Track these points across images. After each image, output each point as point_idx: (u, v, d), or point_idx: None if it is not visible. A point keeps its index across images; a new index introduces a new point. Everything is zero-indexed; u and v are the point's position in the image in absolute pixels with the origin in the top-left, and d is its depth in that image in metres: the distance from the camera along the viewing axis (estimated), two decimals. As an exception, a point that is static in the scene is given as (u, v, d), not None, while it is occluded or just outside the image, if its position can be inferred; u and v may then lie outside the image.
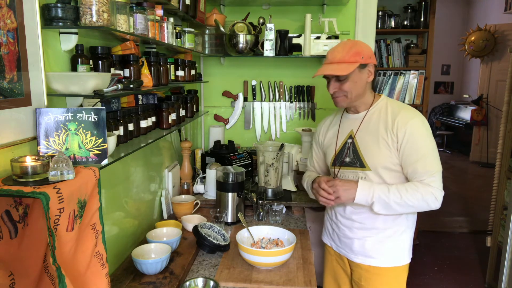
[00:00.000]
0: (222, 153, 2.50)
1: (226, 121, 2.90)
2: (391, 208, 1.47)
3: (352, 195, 1.48)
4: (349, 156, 1.58)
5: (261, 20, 2.48)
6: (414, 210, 1.51)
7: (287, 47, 2.56)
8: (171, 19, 1.73)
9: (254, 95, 2.86)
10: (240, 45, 2.45)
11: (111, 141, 1.15)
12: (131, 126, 1.42)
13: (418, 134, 1.46)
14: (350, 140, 1.59)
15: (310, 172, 1.83)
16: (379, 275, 1.58)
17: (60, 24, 1.09)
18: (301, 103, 2.83)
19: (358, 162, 1.56)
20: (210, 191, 2.24)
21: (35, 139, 1.05)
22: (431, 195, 1.44)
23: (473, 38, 6.49)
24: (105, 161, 1.09)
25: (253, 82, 2.84)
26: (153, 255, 1.54)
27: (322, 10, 2.68)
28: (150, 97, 1.72)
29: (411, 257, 1.62)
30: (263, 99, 2.86)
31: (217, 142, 2.61)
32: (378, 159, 1.51)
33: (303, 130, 2.47)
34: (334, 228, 1.69)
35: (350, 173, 1.58)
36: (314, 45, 2.50)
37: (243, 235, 1.69)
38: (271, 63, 2.81)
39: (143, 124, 1.54)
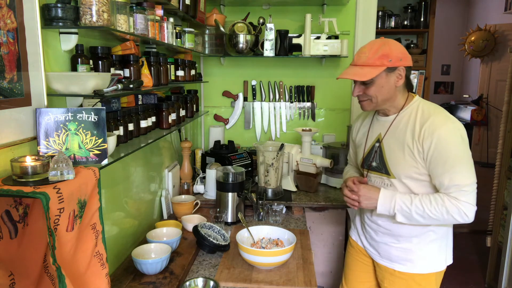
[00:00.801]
0: (222, 153, 2.50)
1: (226, 121, 2.90)
2: (414, 219, 1.40)
3: (373, 204, 1.45)
4: (376, 161, 1.53)
5: (261, 20, 2.48)
6: (440, 223, 1.43)
7: (287, 47, 2.56)
8: (171, 19, 1.73)
9: (254, 95, 2.86)
10: (240, 45, 2.45)
11: (111, 141, 1.15)
12: (131, 126, 1.42)
13: (446, 144, 1.33)
14: (377, 144, 1.53)
15: (349, 167, 1.80)
16: (404, 280, 1.53)
17: (60, 24, 1.09)
18: (301, 103, 2.83)
19: (383, 168, 1.50)
20: (210, 191, 2.24)
21: (35, 139, 1.05)
22: (457, 210, 1.34)
23: (473, 38, 6.49)
24: (105, 161, 1.09)
25: (253, 82, 2.84)
26: (153, 255, 1.54)
27: (322, 10, 2.68)
28: (150, 97, 1.71)
29: (446, 265, 1.56)
30: (263, 99, 2.86)
31: (217, 142, 2.61)
32: (402, 168, 1.43)
33: (303, 130, 2.47)
34: (363, 228, 1.67)
35: (376, 179, 1.54)
36: (314, 45, 2.50)
37: (243, 235, 1.69)
38: (271, 63, 2.81)
39: (143, 124, 1.54)
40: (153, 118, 1.65)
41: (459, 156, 1.34)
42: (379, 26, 4.07)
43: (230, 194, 2.01)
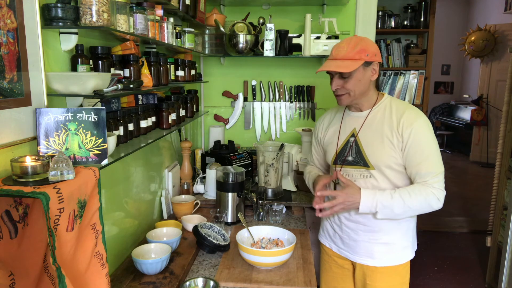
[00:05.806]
0: (222, 153, 2.50)
1: (226, 121, 2.90)
2: (394, 214, 1.47)
3: (355, 206, 1.47)
4: (352, 155, 1.55)
5: (261, 20, 2.48)
6: (418, 213, 1.52)
7: (287, 47, 2.56)
8: (171, 19, 1.73)
9: (254, 95, 2.86)
10: (240, 45, 2.45)
11: (111, 141, 1.15)
12: (131, 126, 1.42)
13: (423, 135, 1.45)
14: (352, 139, 1.56)
15: (311, 168, 1.81)
16: (385, 274, 1.58)
17: (60, 24, 1.09)
18: (301, 103, 2.83)
19: (361, 161, 1.53)
20: (210, 191, 2.24)
21: (35, 139, 1.05)
22: (433, 196, 1.44)
23: (473, 38, 6.49)
24: (105, 161, 1.09)
25: (253, 82, 2.84)
26: (153, 255, 1.54)
27: (322, 10, 2.68)
28: (150, 97, 1.72)
29: (415, 250, 1.63)
30: (263, 99, 2.86)
31: (217, 142, 2.61)
32: (381, 158, 1.48)
33: (303, 130, 2.47)
34: (337, 230, 1.65)
35: (354, 172, 1.55)
36: (314, 45, 2.50)
37: (243, 235, 1.69)
38: (271, 63, 2.81)
39: (143, 124, 1.54)
40: (153, 118, 1.65)
41: (433, 147, 1.46)
42: (379, 26, 4.07)
43: (230, 194, 2.01)
